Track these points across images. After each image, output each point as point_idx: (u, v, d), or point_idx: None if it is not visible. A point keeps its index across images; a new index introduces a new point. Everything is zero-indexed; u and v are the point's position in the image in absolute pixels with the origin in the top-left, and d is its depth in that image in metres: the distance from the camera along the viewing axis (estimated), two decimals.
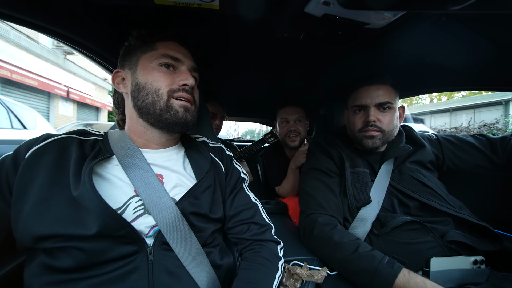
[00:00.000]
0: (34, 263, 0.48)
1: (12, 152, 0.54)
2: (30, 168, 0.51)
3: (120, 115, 0.73)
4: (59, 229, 0.47)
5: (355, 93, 0.94)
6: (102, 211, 0.48)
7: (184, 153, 0.72)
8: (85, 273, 0.48)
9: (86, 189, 0.49)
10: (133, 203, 0.55)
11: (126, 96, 0.67)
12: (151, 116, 0.61)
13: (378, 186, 0.87)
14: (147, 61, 0.63)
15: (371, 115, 0.89)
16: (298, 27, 0.66)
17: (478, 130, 9.33)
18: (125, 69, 0.66)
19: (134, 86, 0.62)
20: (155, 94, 0.60)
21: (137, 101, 0.62)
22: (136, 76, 0.62)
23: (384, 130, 0.89)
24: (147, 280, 0.50)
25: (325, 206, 0.86)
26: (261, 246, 0.68)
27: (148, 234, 0.55)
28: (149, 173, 0.58)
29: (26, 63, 7.20)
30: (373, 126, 0.89)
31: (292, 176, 1.40)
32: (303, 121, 1.50)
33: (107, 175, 0.56)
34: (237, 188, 0.76)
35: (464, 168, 0.96)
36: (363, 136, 0.92)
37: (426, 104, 16.70)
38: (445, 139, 1.00)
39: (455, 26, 0.69)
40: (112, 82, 0.68)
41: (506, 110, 11.11)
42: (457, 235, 0.75)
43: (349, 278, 0.70)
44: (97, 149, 0.59)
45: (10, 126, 3.36)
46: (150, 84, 0.61)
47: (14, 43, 6.80)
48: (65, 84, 8.95)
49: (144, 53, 0.64)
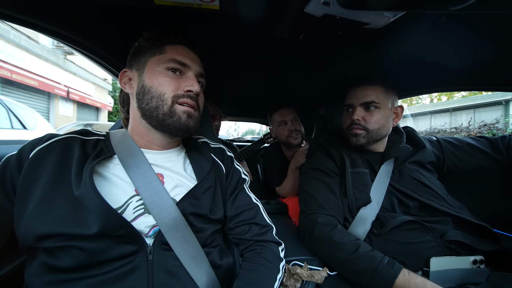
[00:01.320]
0: (34, 262, 0.48)
1: (16, 151, 0.55)
2: (33, 168, 0.52)
3: (125, 113, 0.73)
4: (60, 228, 0.47)
5: (347, 94, 1.00)
6: (103, 210, 0.48)
7: (185, 154, 0.72)
8: (85, 273, 0.48)
9: (87, 189, 0.49)
10: (133, 202, 0.55)
11: (131, 96, 0.67)
12: (154, 120, 0.62)
13: (378, 186, 0.87)
14: (155, 64, 0.63)
15: (355, 114, 0.93)
16: (298, 27, 0.66)
17: (478, 130, 9.31)
18: (133, 69, 0.66)
19: (139, 88, 0.63)
20: (159, 98, 0.61)
21: (142, 103, 0.62)
22: (143, 78, 0.63)
23: (369, 128, 0.92)
24: (146, 280, 0.51)
25: (325, 206, 0.86)
26: (262, 247, 0.68)
27: (148, 234, 0.55)
28: (149, 173, 0.58)
29: (26, 63, 7.19)
30: (357, 125, 0.94)
31: (292, 177, 1.40)
32: (298, 119, 1.55)
33: (108, 174, 0.57)
34: (238, 188, 0.76)
35: (465, 169, 0.96)
36: (349, 133, 0.96)
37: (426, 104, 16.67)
38: (445, 140, 1.00)
39: (455, 26, 0.69)
40: (119, 81, 0.68)
41: (506, 110, 11.10)
42: (457, 234, 0.75)
43: (349, 278, 0.70)
44: (98, 148, 0.59)
45: (10, 126, 3.36)
46: (156, 88, 0.61)
47: (14, 43, 6.80)
48: (65, 84, 8.94)
49: (153, 56, 0.64)
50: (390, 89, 0.93)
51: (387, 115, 0.93)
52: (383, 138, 0.96)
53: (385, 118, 0.93)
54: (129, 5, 0.67)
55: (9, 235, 0.53)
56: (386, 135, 0.96)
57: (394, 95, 0.95)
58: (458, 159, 0.96)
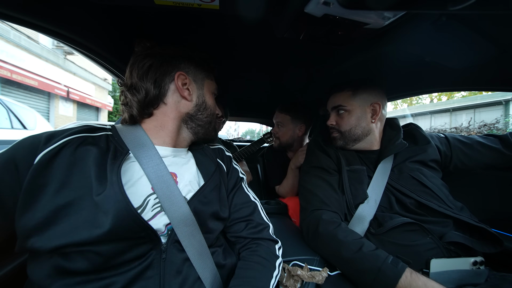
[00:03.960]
0: (46, 264, 0.47)
1: (6, 156, 0.50)
2: (42, 173, 0.48)
3: (143, 108, 0.66)
4: (76, 237, 0.46)
5: None
6: (127, 213, 0.48)
7: (191, 154, 0.74)
8: (101, 274, 0.48)
9: (114, 190, 0.48)
10: (151, 200, 0.56)
11: (181, 99, 0.68)
12: (202, 128, 0.74)
13: (375, 184, 0.87)
14: (210, 87, 0.76)
15: (329, 119, 1.04)
16: (298, 27, 0.66)
17: (478, 130, 9.31)
18: (190, 77, 0.69)
19: (200, 101, 0.72)
20: (212, 117, 0.77)
21: (200, 114, 0.72)
22: (203, 94, 0.73)
23: (341, 130, 0.99)
24: (158, 277, 0.52)
25: (328, 203, 0.86)
26: (257, 245, 0.68)
27: (164, 232, 0.56)
28: (161, 166, 0.59)
29: (26, 63, 7.19)
30: (332, 129, 1.03)
31: (292, 176, 1.40)
32: (284, 127, 1.52)
33: (128, 172, 0.57)
34: (236, 187, 0.77)
35: (472, 167, 0.96)
36: (330, 138, 1.06)
37: (426, 104, 16.67)
38: (454, 138, 0.99)
39: (455, 26, 0.69)
40: (175, 79, 0.66)
41: (506, 110, 11.09)
42: (456, 236, 0.75)
43: (353, 277, 0.70)
44: (113, 147, 0.58)
45: (10, 126, 3.36)
46: (213, 109, 0.76)
47: (14, 43, 6.80)
48: (65, 84, 8.94)
49: (208, 79, 0.75)
50: (359, 91, 0.96)
51: (358, 116, 0.96)
52: (363, 136, 0.98)
53: (355, 118, 0.97)
54: (129, 5, 0.67)
55: (8, 237, 0.52)
56: (365, 133, 0.97)
57: (367, 94, 0.96)
58: (467, 157, 0.95)
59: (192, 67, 0.70)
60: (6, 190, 0.47)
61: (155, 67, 0.65)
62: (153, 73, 0.64)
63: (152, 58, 0.65)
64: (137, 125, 0.66)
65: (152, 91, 0.64)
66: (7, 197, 0.48)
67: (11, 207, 0.47)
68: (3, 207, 0.48)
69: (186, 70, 0.69)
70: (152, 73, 0.64)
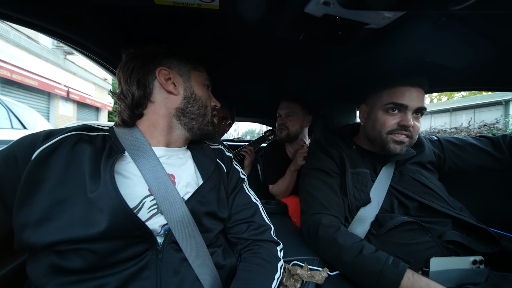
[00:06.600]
0: (43, 262, 0.48)
1: (4, 153, 0.51)
2: (39, 169, 0.49)
3: (132, 110, 0.66)
4: (72, 233, 0.46)
5: (393, 90, 0.85)
6: (121, 211, 0.48)
7: (190, 154, 0.73)
8: (97, 273, 0.48)
9: (107, 188, 0.48)
10: (147, 202, 0.56)
11: (166, 95, 0.67)
12: (196, 122, 0.71)
13: (378, 187, 0.87)
14: (199, 78, 0.74)
15: (409, 119, 0.82)
16: (298, 27, 0.66)
17: (478, 130, 9.31)
18: (173, 71, 0.68)
19: (189, 93, 0.70)
20: (205, 108, 0.73)
21: (190, 106, 0.70)
22: (191, 86, 0.71)
23: (413, 136, 0.85)
24: (155, 278, 0.51)
25: (328, 206, 0.86)
26: (259, 247, 0.68)
27: (160, 232, 0.56)
28: (159, 167, 0.59)
29: (26, 63, 7.19)
30: (407, 131, 0.84)
31: (289, 178, 1.40)
32: (294, 116, 1.49)
33: (124, 172, 0.57)
34: (237, 187, 0.77)
35: (466, 168, 0.96)
36: (392, 139, 0.85)
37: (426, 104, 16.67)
38: (446, 140, 1.00)
39: (455, 26, 0.69)
40: (157, 76, 0.66)
41: (506, 110, 11.11)
42: (455, 235, 0.75)
43: (356, 280, 0.70)
44: (108, 146, 0.58)
45: (10, 126, 3.36)
46: (204, 100, 0.73)
47: (14, 43, 6.80)
48: (65, 84, 8.94)
49: (195, 70, 0.73)
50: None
51: None
52: None
53: None
54: (129, 5, 0.67)
55: (7, 235, 0.52)
56: None
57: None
58: (459, 159, 0.96)
59: (175, 61, 0.70)
60: (7, 186, 0.48)
61: (138, 68, 0.65)
62: (136, 74, 0.65)
63: (135, 60, 0.66)
64: (134, 127, 0.67)
65: (137, 93, 0.65)
66: (9, 192, 0.48)
67: (12, 202, 0.48)
68: (4, 202, 0.49)
69: (168, 65, 0.68)
70: (135, 74, 0.65)
